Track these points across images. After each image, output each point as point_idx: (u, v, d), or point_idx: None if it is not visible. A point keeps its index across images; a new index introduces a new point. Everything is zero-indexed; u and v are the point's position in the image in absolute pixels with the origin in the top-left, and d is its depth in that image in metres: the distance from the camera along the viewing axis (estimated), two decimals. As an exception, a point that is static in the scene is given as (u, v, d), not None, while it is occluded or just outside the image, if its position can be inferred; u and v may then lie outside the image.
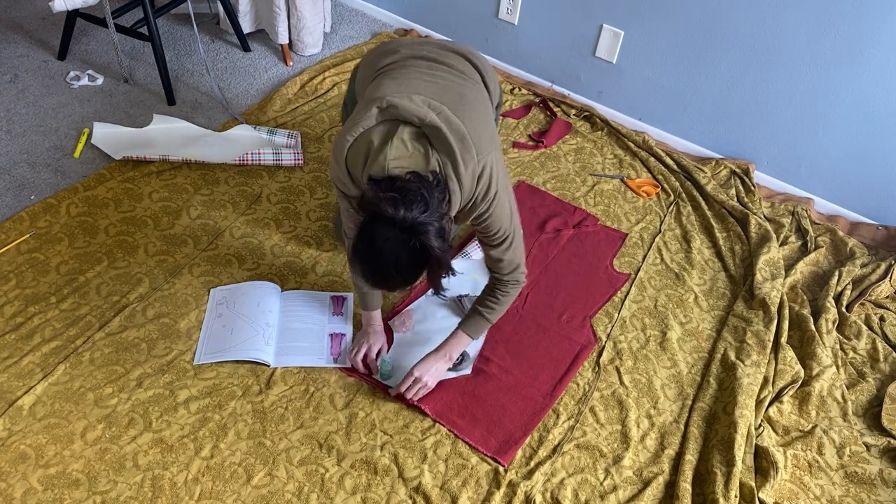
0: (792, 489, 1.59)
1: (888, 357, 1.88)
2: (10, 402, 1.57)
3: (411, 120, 1.36)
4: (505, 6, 2.59)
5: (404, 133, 1.35)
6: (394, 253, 1.27)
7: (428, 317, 1.86)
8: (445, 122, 1.36)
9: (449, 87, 1.46)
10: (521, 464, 1.58)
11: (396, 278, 1.32)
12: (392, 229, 1.26)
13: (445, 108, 1.38)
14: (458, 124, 1.37)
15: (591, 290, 1.98)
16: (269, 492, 1.48)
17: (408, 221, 1.25)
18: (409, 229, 1.26)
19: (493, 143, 1.45)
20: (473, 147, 1.37)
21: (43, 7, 2.78)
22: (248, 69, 2.64)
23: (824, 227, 2.26)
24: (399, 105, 1.36)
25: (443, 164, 1.35)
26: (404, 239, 1.26)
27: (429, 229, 1.27)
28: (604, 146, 2.47)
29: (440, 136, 1.34)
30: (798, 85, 2.19)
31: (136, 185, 2.10)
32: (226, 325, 1.75)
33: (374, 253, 1.28)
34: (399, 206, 1.25)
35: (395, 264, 1.28)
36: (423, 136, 1.36)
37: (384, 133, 1.37)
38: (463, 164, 1.35)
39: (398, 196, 1.26)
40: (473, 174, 1.39)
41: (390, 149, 1.33)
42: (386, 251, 1.27)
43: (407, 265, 1.29)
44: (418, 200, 1.27)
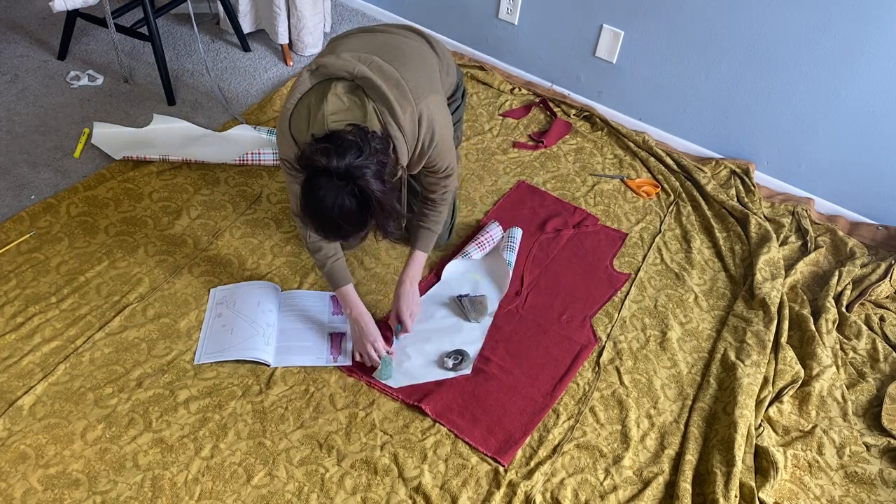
0: (792, 489, 1.59)
1: (888, 357, 1.88)
2: (10, 402, 1.57)
3: (342, 75, 1.41)
4: (505, 6, 2.59)
5: (337, 88, 1.41)
6: (336, 201, 1.30)
7: (428, 317, 1.86)
8: (377, 70, 1.42)
9: (385, 43, 1.53)
10: (521, 464, 1.58)
11: (345, 227, 1.35)
12: (329, 179, 1.30)
13: (377, 58, 1.44)
14: (392, 71, 1.43)
15: (591, 290, 1.98)
16: (269, 492, 1.48)
17: (342, 168, 1.29)
18: (345, 175, 1.29)
19: (432, 88, 1.51)
20: (410, 92, 1.43)
21: (43, 7, 2.78)
22: (248, 69, 2.64)
23: (824, 227, 2.26)
24: (327, 63, 1.42)
25: (380, 111, 1.40)
26: (341, 185, 1.30)
27: (364, 172, 1.30)
28: (604, 146, 2.47)
29: (372, 84, 1.40)
30: (798, 85, 2.19)
31: (136, 185, 2.10)
32: (226, 324, 1.75)
33: (318, 204, 1.31)
34: (332, 156, 1.29)
35: (339, 212, 1.31)
36: (358, 87, 1.41)
37: (319, 93, 1.42)
38: (400, 109, 1.41)
39: (330, 146, 1.31)
40: (413, 118, 1.44)
41: (326, 105, 1.39)
42: (328, 201, 1.30)
43: (351, 211, 1.32)
44: (352, 147, 1.31)
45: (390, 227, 1.39)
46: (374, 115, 1.40)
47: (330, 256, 1.68)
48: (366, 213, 1.34)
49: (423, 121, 1.47)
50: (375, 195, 1.31)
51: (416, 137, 1.47)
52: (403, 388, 1.68)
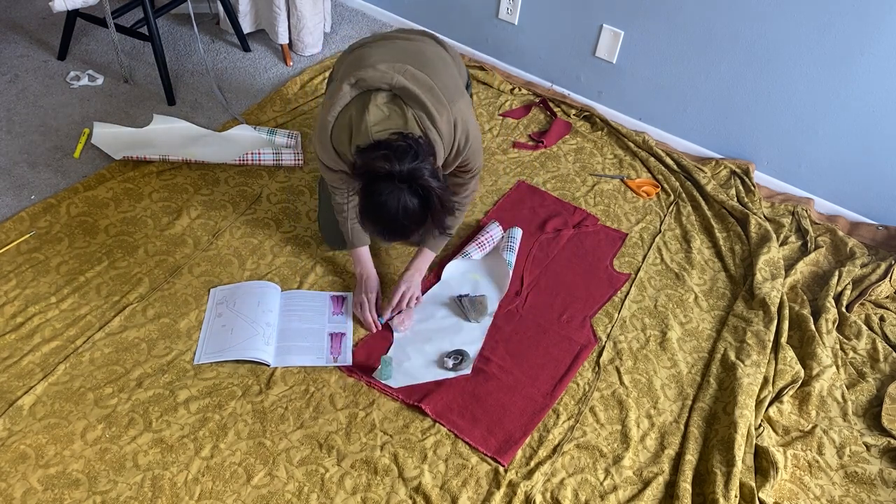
0: (792, 489, 1.59)
1: (888, 357, 1.88)
2: (10, 402, 1.57)
3: (381, 86, 1.49)
4: (505, 6, 2.59)
5: (378, 99, 1.49)
6: (399, 203, 1.38)
7: (428, 317, 1.86)
8: (412, 79, 1.49)
9: (407, 48, 1.60)
10: (521, 464, 1.58)
11: (408, 226, 1.43)
12: (391, 183, 1.38)
13: (408, 66, 1.51)
14: (425, 78, 1.50)
15: (591, 290, 1.98)
16: (269, 492, 1.48)
17: (404, 171, 1.37)
18: (407, 177, 1.37)
19: (459, 91, 1.60)
20: (443, 96, 1.52)
21: (43, 7, 2.78)
22: (248, 69, 2.64)
23: (824, 227, 2.26)
24: (366, 76, 1.49)
25: (419, 118, 1.48)
26: (403, 187, 1.38)
27: (423, 172, 1.38)
28: (604, 146, 2.47)
29: (410, 93, 1.48)
30: (798, 85, 2.19)
31: (136, 185, 2.10)
32: (226, 324, 1.75)
33: (381, 208, 1.40)
34: (392, 161, 1.36)
35: (403, 212, 1.40)
36: (396, 97, 1.48)
37: (360, 105, 1.49)
38: (437, 114, 1.49)
39: (388, 153, 1.38)
40: (449, 122, 1.52)
41: (369, 116, 1.46)
42: (391, 204, 1.38)
43: (414, 210, 1.40)
44: (407, 151, 1.39)
45: (447, 221, 1.48)
46: (415, 121, 1.48)
47: (352, 218, 1.78)
48: (427, 210, 1.42)
49: (457, 124, 1.55)
50: (436, 192, 1.40)
51: (452, 139, 1.55)
52: (403, 388, 1.68)
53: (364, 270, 1.84)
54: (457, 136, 1.55)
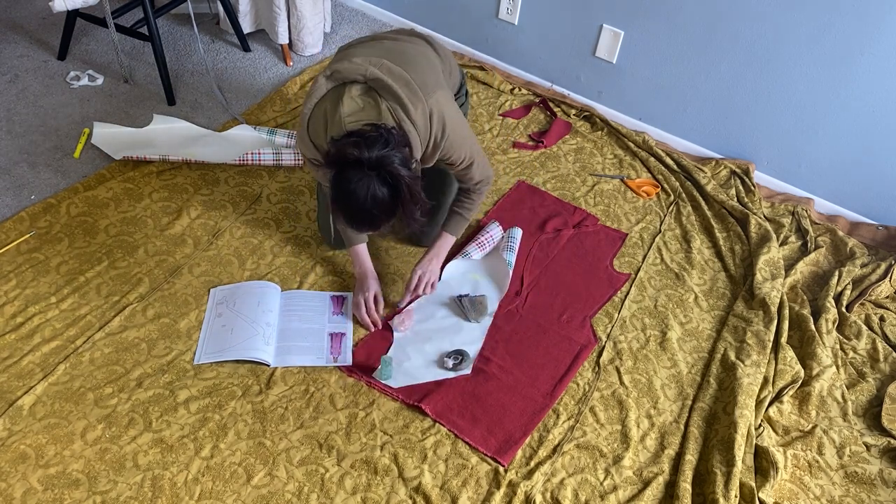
0: (792, 489, 1.59)
1: (888, 357, 1.88)
2: (10, 402, 1.57)
3: (355, 78, 1.50)
4: (505, 6, 2.59)
5: (352, 91, 1.49)
6: (368, 191, 1.38)
7: (428, 317, 1.86)
8: (387, 72, 1.50)
9: (390, 48, 1.62)
10: (521, 464, 1.58)
11: (377, 215, 1.43)
12: (360, 170, 1.38)
13: (385, 61, 1.52)
14: (400, 72, 1.51)
15: (591, 290, 1.98)
16: (269, 492, 1.48)
17: (373, 158, 1.37)
18: (376, 164, 1.37)
19: (438, 84, 1.60)
20: (419, 90, 1.51)
21: (43, 7, 2.78)
22: (248, 69, 2.64)
23: (824, 227, 2.26)
24: (341, 68, 1.51)
25: (393, 110, 1.49)
26: (372, 175, 1.38)
27: (393, 160, 1.39)
28: (604, 146, 2.47)
29: (384, 84, 1.48)
30: (798, 85, 2.19)
31: (136, 185, 2.10)
32: (226, 324, 1.75)
33: (350, 196, 1.39)
34: (361, 147, 1.37)
35: (372, 201, 1.39)
36: (371, 89, 1.49)
37: (334, 97, 1.51)
38: (412, 105, 1.49)
39: (359, 139, 1.39)
40: (424, 114, 1.52)
41: (342, 108, 1.47)
42: (360, 191, 1.38)
43: (383, 199, 1.40)
44: (377, 140, 1.39)
45: (416, 213, 1.47)
46: (388, 113, 1.48)
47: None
48: (396, 199, 1.42)
49: (433, 115, 1.55)
50: (405, 181, 1.40)
51: (428, 131, 1.55)
52: (403, 388, 1.68)
53: (362, 269, 1.84)
54: (433, 129, 1.55)
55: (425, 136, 1.55)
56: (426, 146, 1.58)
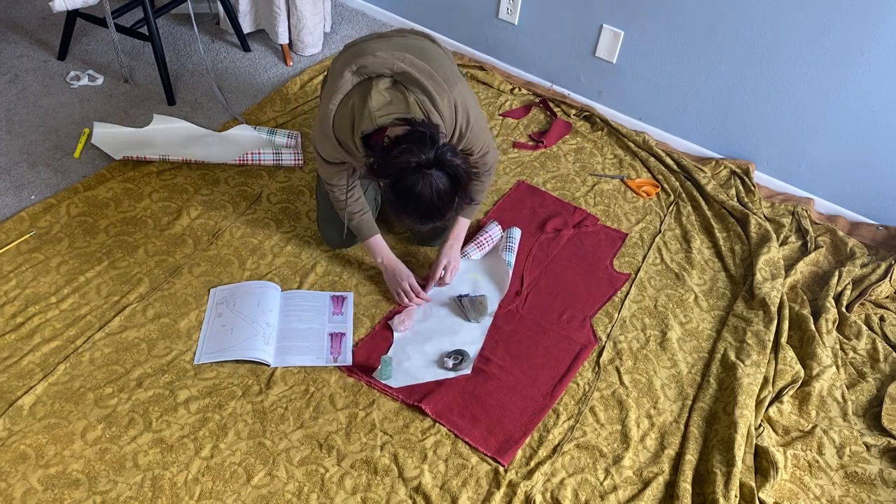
0: (792, 489, 1.59)
1: (888, 357, 1.88)
2: (10, 402, 1.57)
3: (382, 72, 1.52)
4: (505, 6, 2.59)
5: (380, 85, 1.51)
6: (433, 189, 1.42)
7: (428, 316, 1.86)
8: (411, 65, 1.52)
9: (406, 43, 1.65)
10: (521, 464, 1.58)
11: (443, 207, 1.46)
12: (419, 173, 1.40)
13: (407, 55, 1.54)
14: (423, 65, 1.54)
15: (591, 290, 1.98)
16: (269, 492, 1.48)
17: (432, 158, 1.40)
18: (435, 163, 1.41)
19: (458, 77, 1.63)
20: (443, 82, 1.54)
21: (43, 7, 2.78)
22: (248, 69, 2.64)
23: (824, 227, 2.26)
24: (367, 63, 1.52)
25: (421, 102, 1.51)
26: (431, 173, 1.41)
27: (447, 154, 1.42)
28: (604, 146, 2.47)
29: (411, 77, 1.51)
30: (798, 85, 2.19)
31: (136, 185, 2.10)
32: (226, 324, 1.75)
33: (417, 198, 1.43)
34: (415, 153, 1.39)
35: (438, 197, 1.43)
36: (397, 83, 1.53)
37: (362, 92, 1.52)
38: (438, 97, 1.52)
39: (409, 146, 1.41)
40: (450, 104, 1.55)
41: (371, 102, 1.49)
42: (425, 192, 1.42)
43: (446, 191, 1.44)
44: (424, 138, 1.41)
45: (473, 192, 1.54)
46: (417, 106, 1.50)
47: (356, 212, 1.81)
48: (457, 188, 1.46)
49: (458, 106, 1.57)
50: (462, 168, 1.44)
51: (454, 122, 1.58)
52: (403, 388, 1.68)
53: (387, 259, 1.87)
54: (458, 119, 1.58)
55: (450, 127, 1.58)
56: (451, 137, 1.60)
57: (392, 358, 1.72)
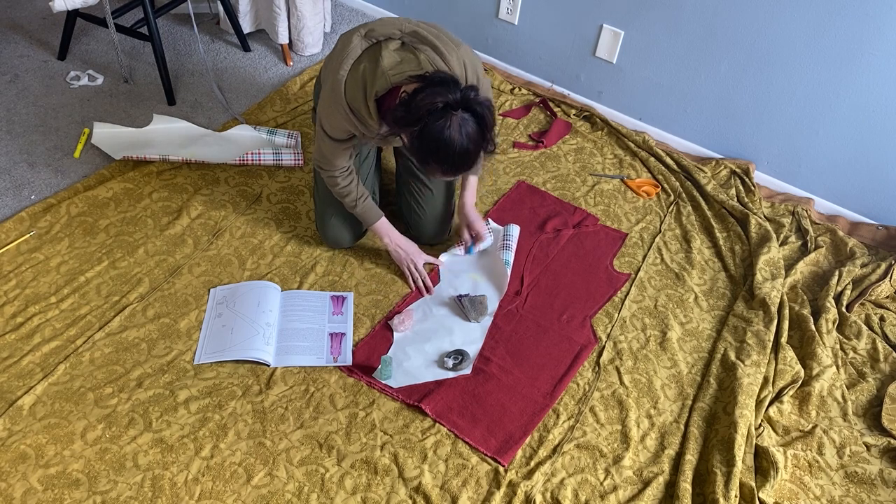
0: (792, 489, 1.59)
1: (888, 357, 1.88)
2: (10, 402, 1.57)
3: (391, 34, 1.54)
4: (505, 6, 2.59)
5: (389, 46, 1.53)
6: (462, 131, 1.39)
7: (428, 317, 1.86)
8: (418, 26, 1.57)
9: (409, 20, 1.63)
10: (521, 464, 1.58)
11: (474, 152, 1.44)
12: (446, 116, 1.38)
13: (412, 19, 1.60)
14: (429, 26, 1.57)
15: (591, 290, 1.98)
16: (269, 492, 1.48)
17: (458, 98, 1.38)
18: (462, 102, 1.38)
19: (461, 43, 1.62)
20: (449, 40, 1.57)
21: (43, 7, 2.78)
22: (248, 69, 2.64)
23: (824, 227, 2.26)
24: (376, 28, 1.57)
25: (431, 59, 1.52)
26: (462, 115, 1.39)
27: (470, 93, 1.40)
28: (604, 146, 2.47)
29: (420, 35, 1.54)
30: (798, 85, 2.19)
31: (136, 185, 2.10)
32: (226, 324, 1.75)
33: (447, 143, 1.40)
34: (442, 94, 1.37)
35: (467, 140, 1.41)
36: (405, 44, 1.54)
37: (371, 55, 1.54)
38: (448, 53, 1.53)
39: (435, 88, 1.39)
40: (459, 61, 1.56)
41: (383, 62, 1.49)
42: (454, 135, 1.39)
43: (475, 134, 1.42)
44: (447, 81, 1.41)
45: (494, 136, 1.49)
46: (428, 63, 1.51)
47: (359, 198, 1.82)
48: (484, 130, 1.43)
49: (466, 64, 1.58)
50: (488, 108, 1.41)
51: (464, 79, 1.58)
52: (403, 388, 1.68)
53: (395, 239, 1.89)
54: (468, 76, 1.59)
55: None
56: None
57: (392, 358, 1.72)
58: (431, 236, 2.00)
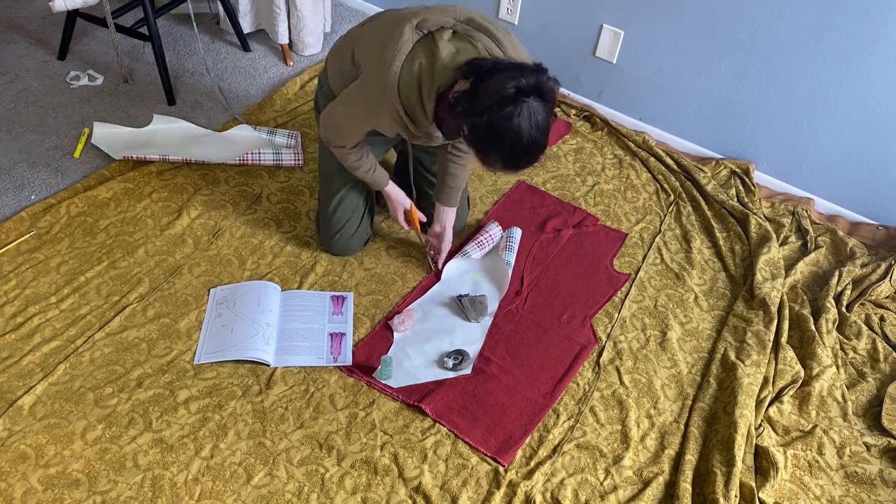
0: (792, 489, 1.59)
1: (888, 357, 1.88)
2: (10, 402, 1.57)
3: (443, 24, 1.42)
4: (505, 6, 2.59)
5: (444, 37, 1.41)
6: (531, 120, 1.29)
7: (428, 316, 1.86)
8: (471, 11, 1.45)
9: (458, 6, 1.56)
10: (521, 464, 1.58)
11: (542, 142, 1.33)
12: (517, 102, 1.27)
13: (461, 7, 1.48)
14: (480, 13, 1.46)
15: (591, 290, 1.98)
16: (269, 492, 1.48)
17: (532, 83, 1.27)
18: (535, 88, 1.28)
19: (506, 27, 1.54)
20: (501, 26, 1.48)
21: (43, 7, 2.78)
22: (248, 69, 2.64)
23: (824, 227, 2.26)
24: (428, 16, 1.42)
25: (489, 47, 1.42)
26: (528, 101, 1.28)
27: (544, 77, 1.30)
28: (604, 146, 2.47)
29: (475, 22, 1.44)
30: (798, 85, 2.19)
31: (136, 185, 2.10)
32: (226, 324, 1.75)
33: (517, 135, 1.29)
34: (515, 77, 1.27)
35: (537, 129, 1.30)
36: (457, 33, 1.43)
37: (425, 50, 1.41)
38: (505, 40, 1.44)
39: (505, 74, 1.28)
40: (515, 47, 1.47)
41: (441, 54, 1.38)
42: (524, 124, 1.28)
43: (543, 122, 1.31)
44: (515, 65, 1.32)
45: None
46: (485, 51, 1.41)
47: (368, 169, 1.76)
48: (549, 118, 1.33)
49: (520, 50, 1.50)
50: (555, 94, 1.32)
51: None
52: (403, 388, 1.68)
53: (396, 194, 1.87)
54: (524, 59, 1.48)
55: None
56: None
57: (392, 358, 1.72)
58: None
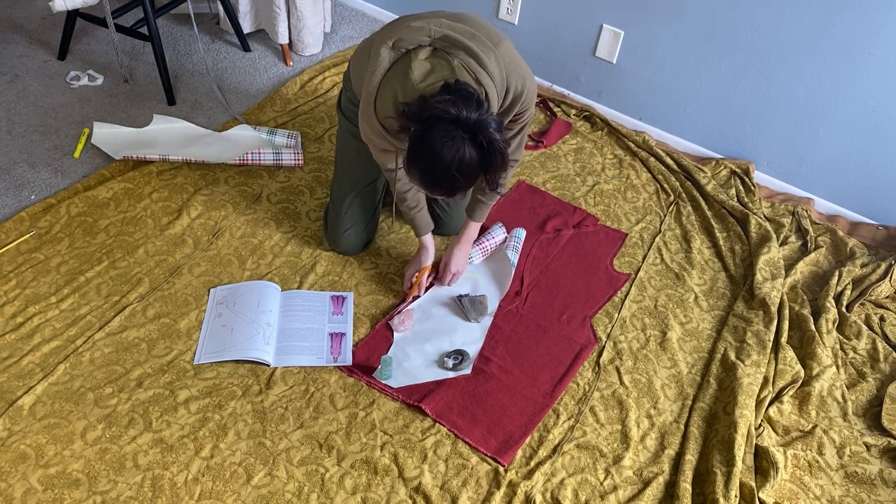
0: (792, 489, 1.59)
1: (888, 357, 1.88)
2: (10, 402, 1.57)
3: (420, 42, 1.41)
4: (505, 6, 2.59)
5: (419, 55, 1.40)
6: (457, 153, 1.26)
7: (428, 317, 1.86)
8: (450, 28, 1.42)
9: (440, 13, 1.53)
10: (521, 464, 1.58)
11: (459, 181, 1.31)
12: (451, 130, 1.26)
13: (444, 20, 1.45)
14: (463, 27, 1.44)
15: (591, 290, 1.98)
16: (269, 492, 1.48)
17: (472, 120, 1.25)
18: (474, 127, 1.25)
19: (501, 37, 1.49)
20: (485, 39, 1.43)
21: (43, 7, 2.78)
22: (248, 69, 2.64)
23: (824, 227, 2.26)
24: (403, 36, 1.42)
25: (467, 64, 1.38)
26: (467, 138, 1.26)
27: (490, 123, 1.27)
28: (604, 146, 2.47)
29: (452, 38, 1.40)
30: (798, 85, 2.19)
31: (136, 185, 2.10)
32: (226, 324, 1.75)
33: (435, 157, 1.27)
34: (459, 106, 1.25)
35: (458, 164, 1.27)
36: (437, 50, 1.40)
37: (401, 68, 1.41)
38: (484, 56, 1.39)
39: (455, 98, 1.27)
40: (498, 63, 1.43)
41: (413, 74, 1.37)
42: (446, 153, 1.26)
43: (470, 164, 1.28)
44: (471, 98, 1.29)
45: (501, 178, 1.36)
46: (462, 68, 1.38)
47: (413, 206, 1.77)
48: (482, 166, 1.30)
49: (508, 66, 1.46)
50: (499, 147, 1.28)
51: (504, 82, 1.46)
52: (403, 388, 1.68)
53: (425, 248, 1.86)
54: (510, 80, 1.47)
55: (501, 88, 1.46)
56: (503, 100, 1.49)
57: (392, 358, 1.72)
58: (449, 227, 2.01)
